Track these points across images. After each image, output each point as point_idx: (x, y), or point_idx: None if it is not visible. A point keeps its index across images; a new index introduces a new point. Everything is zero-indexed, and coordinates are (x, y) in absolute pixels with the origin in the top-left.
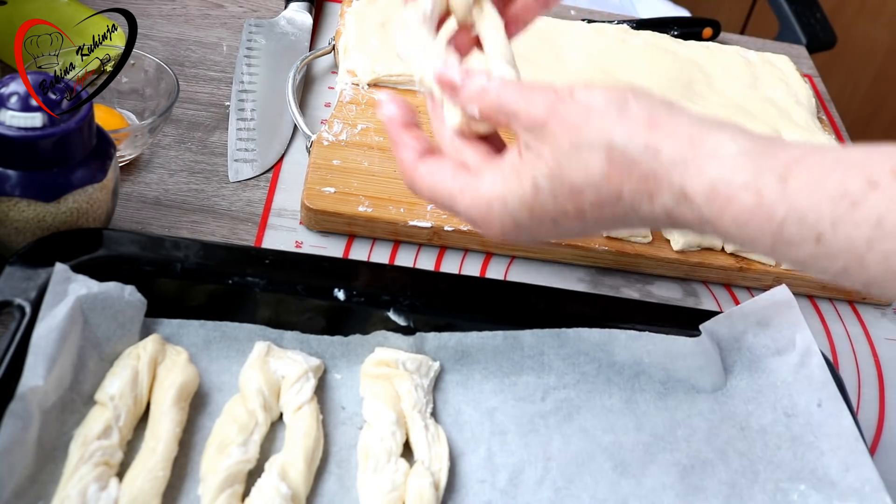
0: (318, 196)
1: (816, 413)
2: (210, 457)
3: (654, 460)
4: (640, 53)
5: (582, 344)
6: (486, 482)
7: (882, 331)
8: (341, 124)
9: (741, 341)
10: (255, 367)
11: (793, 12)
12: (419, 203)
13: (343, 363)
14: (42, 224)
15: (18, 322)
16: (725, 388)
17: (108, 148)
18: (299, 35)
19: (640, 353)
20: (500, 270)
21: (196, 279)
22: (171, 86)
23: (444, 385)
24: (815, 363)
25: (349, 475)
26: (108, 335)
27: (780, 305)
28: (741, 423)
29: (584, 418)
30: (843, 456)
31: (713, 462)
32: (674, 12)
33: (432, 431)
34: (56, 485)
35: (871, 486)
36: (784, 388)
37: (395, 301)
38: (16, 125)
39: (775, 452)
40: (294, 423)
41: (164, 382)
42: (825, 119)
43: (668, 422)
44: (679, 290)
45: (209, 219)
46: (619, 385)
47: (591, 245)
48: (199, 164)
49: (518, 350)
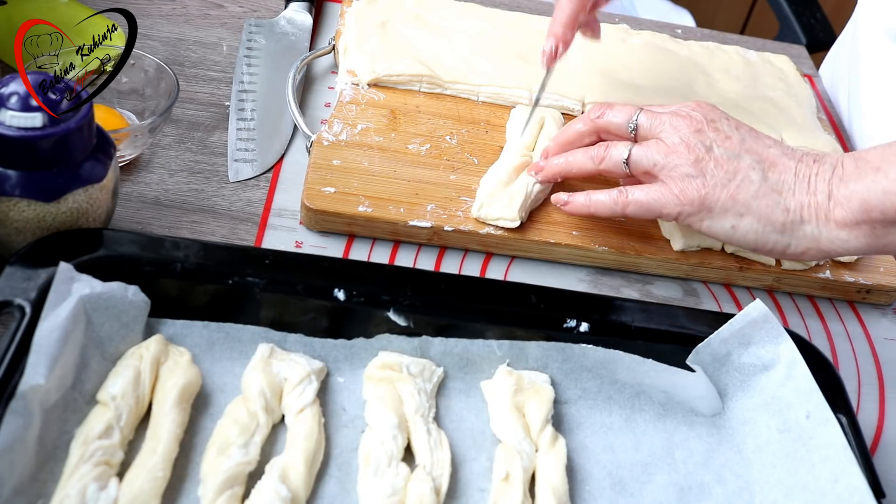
0: (318, 196)
1: (806, 425)
2: (210, 458)
3: (651, 480)
4: (640, 53)
5: (585, 360)
6: (487, 491)
7: (882, 331)
8: (341, 124)
9: (727, 364)
10: (258, 369)
11: (793, 12)
12: (419, 203)
13: (346, 366)
14: (42, 224)
15: (18, 322)
16: (723, 412)
17: (108, 148)
18: (299, 35)
19: (641, 376)
20: (500, 270)
21: (196, 279)
22: (171, 86)
23: (448, 391)
24: (801, 373)
25: (350, 478)
26: (110, 335)
27: (757, 322)
28: (738, 444)
29: (584, 434)
30: (832, 467)
31: (710, 484)
32: (674, 12)
33: (434, 436)
34: (56, 483)
35: (860, 496)
36: (774, 403)
37: (395, 301)
38: (16, 125)
39: (771, 472)
40: (295, 426)
41: (167, 383)
42: (825, 119)
43: (666, 443)
44: (679, 290)
45: (209, 219)
46: (619, 403)
47: (591, 245)
48: (199, 164)
49: (522, 361)
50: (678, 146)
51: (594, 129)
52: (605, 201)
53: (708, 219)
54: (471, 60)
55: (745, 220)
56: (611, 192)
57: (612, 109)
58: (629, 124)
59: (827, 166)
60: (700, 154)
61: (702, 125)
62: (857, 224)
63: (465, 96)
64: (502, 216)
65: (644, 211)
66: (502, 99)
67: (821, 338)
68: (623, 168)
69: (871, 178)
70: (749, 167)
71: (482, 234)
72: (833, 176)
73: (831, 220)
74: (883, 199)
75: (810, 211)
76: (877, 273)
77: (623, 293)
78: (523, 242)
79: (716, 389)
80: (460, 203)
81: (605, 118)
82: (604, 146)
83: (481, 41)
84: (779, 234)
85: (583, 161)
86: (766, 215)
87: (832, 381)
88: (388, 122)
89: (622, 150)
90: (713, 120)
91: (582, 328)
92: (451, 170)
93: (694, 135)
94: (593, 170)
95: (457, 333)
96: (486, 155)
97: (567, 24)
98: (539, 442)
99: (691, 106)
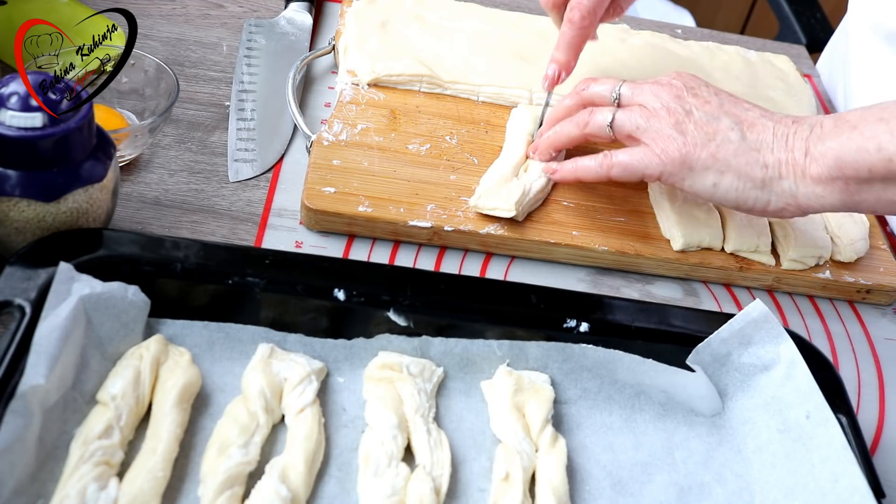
0: (318, 196)
1: (806, 425)
2: (210, 458)
3: (651, 480)
4: (640, 53)
5: (585, 360)
6: (487, 491)
7: (882, 331)
8: (341, 124)
9: (728, 364)
10: (258, 369)
11: (793, 12)
12: (419, 203)
13: (346, 366)
14: (42, 224)
15: (18, 322)
16: (723, 412)
17: (108, 148)
18: (299, 35)
19: (641, 376)
20: (500, 270)
21: (196, 279)
22: (171, 86)
23: (448, 392)
24: (801, 373)
25: (350, 478)
26: (110, 335)
27: (757, 322)
28: (738, 445)
29: (584, 434)
30: (832, 466)
31: (710, 484)
32: (674, 12)
33: (434, 436)
34: (56, 483)
35: (860, 496)
36: (774, 403)
37: (395, 301)
38: (16, 125)
39: (771, 472)
40: (295, 426)
41: (167, 383)
42: None
43: (666, 443)
44: (679, 290)
45: (209, 219)
46: (619, 403)
47: (590, 245)
48: (199, 164)
49: (522, 361)
50: (659, 111)
51: (580, 101)
52: (591, 165)
53: (689, 177)
54: (471, 60)
55: (726, 178)
56: (596, 156)
57: (597, 81)
58: (612, 93)
59: (805, 126)
60: (680, 117)
61: (681, 91)
62: (831, 180)
63: (465, 96)
64: (499, 206)
65: (628, 172)
66: (502, 99)
67: (821, 338)
68: (607, 132)
69: (847, 136)
70: (728, 128)
71: (482, 234)
72: (811, 134)
73: (807, 176)
74: (857, 157)
75: (788, 167)
76: (877, 273)
77: (623, 293)
78: (523, 242)
79: (716, 389)
80: (460, 203)
81: (590, 90)
82: (588, 111)
83: (481, 41)
84: (758, 190)
85: (569, 129)
86: (746, 172)
87: (832, 381)
88: (388, 122)
89: (606, 115)
90: (692, 87)
91: (582, 328)
92: (451, 170)
93: (674, 100)
94: (579, 135)
95: (457, 333)
96: (486, 155)
97: (570, 51)
98: (539, 442)
99: (672, 75)
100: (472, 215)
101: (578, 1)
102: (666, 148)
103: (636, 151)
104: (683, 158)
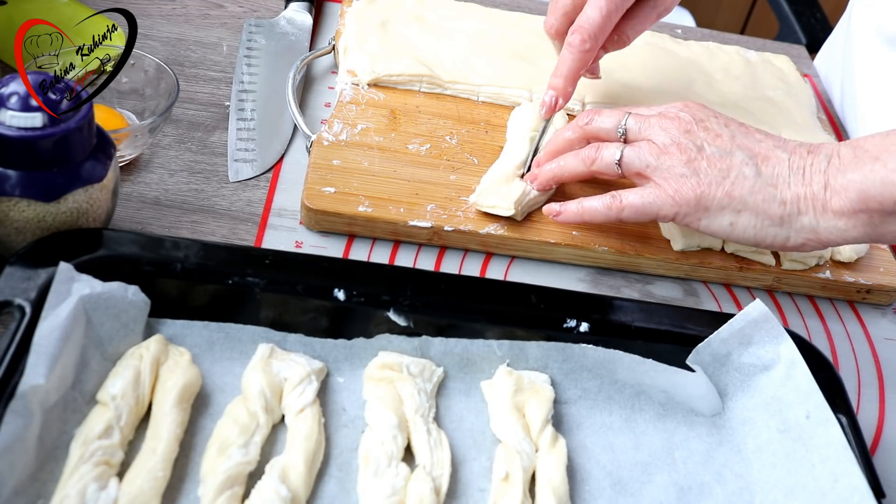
0: (318, 196)
1: (806, 425)
2: (210, 458)
3: (651, 480)
4: (640, 53)
5: (585, 360)
6: (487, 491)
7: (882, 331)
8: (341, 124)
9: (728, 364)
10: (258, 369)
11: (793, 12)
12: (419, 203)
13: (346, 366)
14: (42, 224)
15: (18, 322)
16: (723, 412)
17: (108, 148)
18: (299, 35)
19: (641, 376)
20: (500, 270)
21: (196, 279)
22: (171, 86)
23: (448, 392)
24: (801, 373)
25: (350, 478)
26: (110, 335)
27: (757, 322)
28: (738, 444)
29: (584, 434)
30: (832, 466)
31: (710, 484)
32: (674, 12)
33: (434, 436)
34: (56, 483)
35: (860, 496)
36: (774, 403)
37: (395, 301)
38: (16, 125)
39: (771, 472)
40: (295, 426)
41: (167, 383)
42: (825, 119)
43: (666, 443)
44: (679, 290)
45: (209, 219)
46: (619, 403)
47: (590, 245)
48: (199, 164)
49: (522, 361)
50: (669, 147)
51: (583, 135)
52: (598, 208)
53: (705, 217)
54: (471, 60)
55: (743, 217)
56: (603, 197)
57: (601, 115)
58: (618, 129)
59: (822, 157)
60: (692, 154)
61: (690, 125)
62: (854, 213)
63: (465, 96)
64: (498, 204)
65: (640, 215)
66: (502, 99)
67: (821, 338)
68: (615, 169)
69: (870, 168)
70: (742, 163)
71: (482, 234)
72: (829, 166)
73: (829, 210)
74: (882, 190)
75: (807, 202)
76: (877, 273)
77: (623, 293)
78: (523, 242)
79: (716, 389)
80: (460, 203)
81: (594, 124)
82: (594, 147)
83: (481, 41)
84: (777, 227)
85: (574, 164)
86: (764, 210)
87: (832, 381)
88: (388, 122)
89: (614, 152)
90: (702, 119)
91: (582, 328)
92: (451, 170)
93: (684, 135)
94: (585, 171)
95: (457, 333)
96: (486, 155)
97: (569, 79)
98: (539, 442)
99: (679, 107)
100: (472, 215)
101: (580, 24)
102: (679, 188)
103: (647, 193)
104: (699, 199)
